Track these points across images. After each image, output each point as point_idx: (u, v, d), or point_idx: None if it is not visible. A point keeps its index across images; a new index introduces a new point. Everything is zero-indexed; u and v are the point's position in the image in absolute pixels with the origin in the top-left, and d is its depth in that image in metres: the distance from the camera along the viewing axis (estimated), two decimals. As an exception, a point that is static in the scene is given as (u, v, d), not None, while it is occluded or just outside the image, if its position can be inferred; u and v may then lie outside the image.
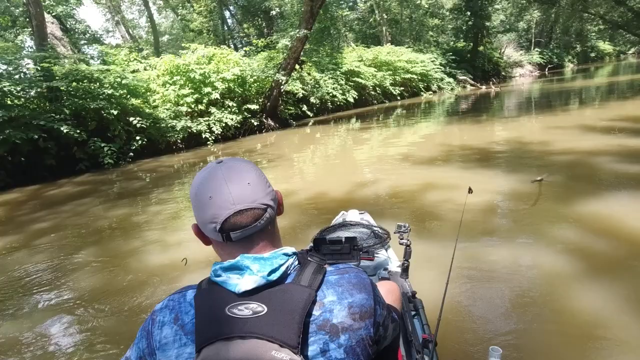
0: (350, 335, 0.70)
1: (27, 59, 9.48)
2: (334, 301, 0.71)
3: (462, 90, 27.22)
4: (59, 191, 6.93)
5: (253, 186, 0.74)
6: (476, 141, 7.59)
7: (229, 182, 0.72)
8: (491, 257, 2.84)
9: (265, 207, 0.74)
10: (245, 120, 12.17)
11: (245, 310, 0.67)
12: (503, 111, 13.47)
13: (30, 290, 3.01)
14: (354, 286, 0.74)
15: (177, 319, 0.72)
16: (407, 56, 24.28)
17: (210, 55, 12.29)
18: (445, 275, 1.51)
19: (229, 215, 0.71)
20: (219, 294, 0.70)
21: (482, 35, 32.36)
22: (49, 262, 3.49)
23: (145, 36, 31.28)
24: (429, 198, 4.26)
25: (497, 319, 2.18)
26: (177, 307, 0.74)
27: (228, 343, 0.66)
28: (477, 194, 4.10)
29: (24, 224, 4.82)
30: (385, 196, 4.63)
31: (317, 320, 0.69)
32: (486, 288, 2.49)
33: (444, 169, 5.57)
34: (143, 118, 9.76)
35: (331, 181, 5.68)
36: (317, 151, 9.15)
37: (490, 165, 5.60)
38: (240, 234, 0.72)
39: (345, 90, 18.19)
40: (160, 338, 0.72)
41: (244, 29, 26.34)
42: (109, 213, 4.95)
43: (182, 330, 0.71)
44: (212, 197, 0.72)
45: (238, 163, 0.77)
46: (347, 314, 0.71)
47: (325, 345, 0.68)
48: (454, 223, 3.41)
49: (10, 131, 7.50)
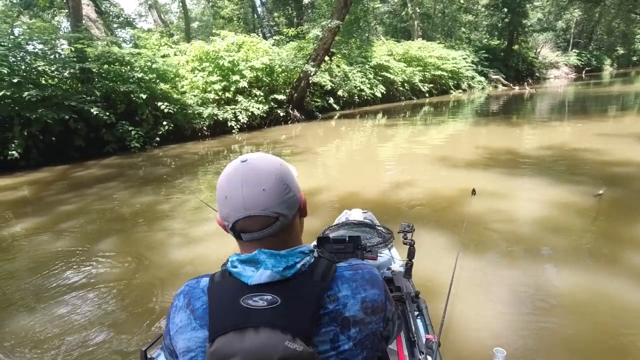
0: (361, 329, 0.72)
1: (62, 39, 9.60)
2: (347, 296, 0.73)
3: (493, 90, 26.36)
4: (86, 173, 7.00)
5: (268, 193, 0.73)
6: (516, 145, 7.24)
7: (245, 185, 0.72)
8: (500, 260, 2.82)
9: (276, 215, 0.73)
10: (272, 110, 12.06)
11: (260, 302, 0.68)
12: (541, 114, 12.88)
13: (49, 278, 2.98)
14: (367, 282, 0.76)
15: (189, 304, 0.75)
16: (438, 52, 23.61)
17: (240, 42, 12.19)
18: (449, 275, 1.47)
19: (238, 218, 0.72)
20: (233, 285, 0.71)
21: (517, 33, 31.13)
22: (71, 249, 3.46)
23: (176, 22, 31.53)
24: (467, 205, 4.02)
25: (502, 320, 2.15)
26: (190, 292, 0.76)
27: (242, 333, 0.67)
28: (509, 200, 3.85)
29: (51, 206, 4.85)
30: (403, 197, 4.43)
31: (331, 314, 0.70)
32: (490, 289, 2.48)
33: (484, 174, 5.29)
34: (171, 103, 9.78)
35: (351, 178, 5.56)
36: (342, 146, 9.00)
37: (535, 172, 5.23)
38: (249, 236, 0.74)
39: (373, 84, 17.83)
40: (175, 322, 0.75)
41: (274, 18, 26.15)
42: (133, 199, 4.92)
43: (192, 315, 0.73)
44: (227, 197, 0.73)
45: (260, 164, 0.75)
46: (359, 308, 0.72)
47: (335, 337, 0.70)
48: (484, 232, 3.25)
49: (42, 110, 7.62)
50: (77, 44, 8.78)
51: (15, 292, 2.77)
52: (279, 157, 0.80)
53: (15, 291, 2.79)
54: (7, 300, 2.67)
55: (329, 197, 4.54)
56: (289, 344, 0.66)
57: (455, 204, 4.03)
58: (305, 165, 6.58)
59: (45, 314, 2.46)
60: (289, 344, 0.66)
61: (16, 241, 3.74)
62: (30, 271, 3.08)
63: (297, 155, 7.38)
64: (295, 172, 0.85)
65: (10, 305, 2.61)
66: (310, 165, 6.70)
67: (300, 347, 0.66)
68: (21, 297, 2.70)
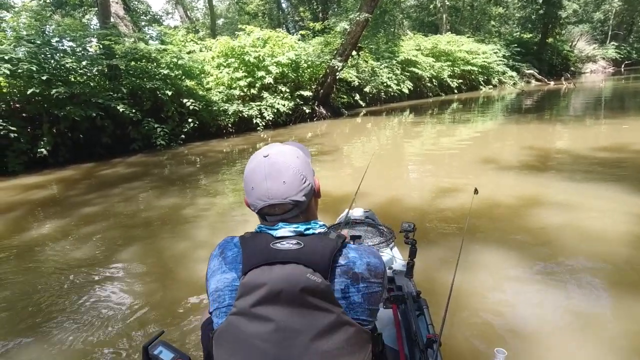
0: (368, 285, 0.85)
1: (91, 37, 9.61)
2: (356, 257, 0.87)
3: (525, 85, 25.24)
4: (111, 171, 6.91)
5: (288, 184, 0.88)
6: (567, 145, 6.70)
7: (268, 178, 0.88)
8: (501, 261, 2.80)
9: (294, 202, 0.89)
10: (297, 107, 11.79)
11: (287, 244, 0.83)
12: (585, 111, 12.06)
13: (64, 294, 2.79)
14: (371, 253, 0.91)
15: (222, 253, 0.91)
16: (468, 46, 22.74)
17: (266, 38, 11.95)
18: (450, 274, 1.47)
19: (263, 206, 0.89)
20: (263, 236, 0.88)
21: (552, 25, 29.67)
22: (90, 259, 3.25)
23: (201, 19, 31.72)
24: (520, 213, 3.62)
25: (503, 321, 2.14)
26: (224, 244, 0.93)
27: (271, 267, 0.80)
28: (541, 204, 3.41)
29: (75, 207, 4.72)
30: (425, 201, 4.08)
31: (343, 267, 0.84)
32: (493, 289, 2.46)
33: (539, 179, 4.84)
34: (196, 100, 9.66)
35: (378, 181, 5.27)
36: (368, 143, 8.71)
37: (597, 177, 4.65)
38: (273, 218, 0.91)
39: (400, 80, 17.29)
40: (210, 267, 0.92)
41: (299, 13, 25.86)
42: (158, 202, 4.73)
43: (224, 261, 0.89)
44: (254, 188, 0.90)
45: (280, 159, 0.90)
46: (366, 268, 0.86)
47: (346, 287, 0.82)
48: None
49: (70, 108, 7.60)
50: (105, 40, 8.74)
51: (24, 309, 2.59)
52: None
53: (25, 307, 2.60)
54: (17, 318, 2.49)
55: (356, 198, 4.21)
56: (310, 276, 0.78)
57: (518, 214, 3.63)
58: (332, 166, 6.28)
59: (54, 335, 2.26)
60: (310, 276, 0.78)
61: (35, 247, 3.57)
62: (44, 284, 2.89)
63: (324, 155, 7.08)
64: (309, 157, 1.02)
65: (20, 322, 2.42)
66: (337, 165, 6.39)
67: (319, 279, 0.78)
68: (31, 314, 2.50)
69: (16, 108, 7.74)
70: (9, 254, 3.46)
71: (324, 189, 1.04)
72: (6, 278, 3.01)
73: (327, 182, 5.00)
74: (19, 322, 2.40)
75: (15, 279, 2.98)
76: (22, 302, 2.63)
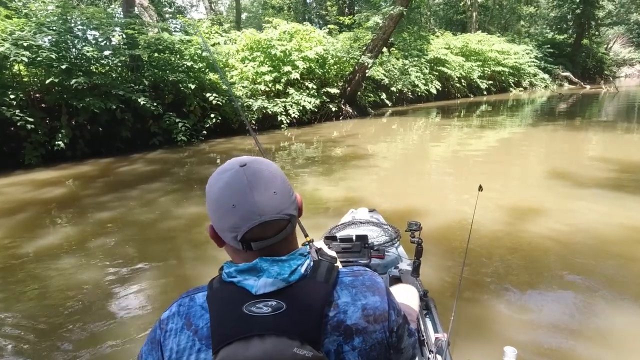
0: (365, 339, 0.68)
1: (114, 25, 9.25)
2: (347, 302, 0.69)
3: (558, 88, 24.12)
4: (130, 168, 6.52)
5: (279, 195, 0.69)
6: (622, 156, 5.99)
7: (255, 190, 0.67)
8: (508, 260, 2.80)
9: (289, 217, 0.70)
10: (323, 105, 11.24)
11: (264, 308, 0.64)
12: (625, 117, 11.18)
13: (63, 329, 2.34)
14: (368, 288, 0.72)
15: (190, 325, 0.68)
16: (499, 46, 21.76)
17: (293, 31, 11.42)
18: (455, 274, 1.67)
19: (251, 227, 0.66)
20: (234, 294, 0.66)
21: (588, 26, 28.27)
22: (99, 282, 2.77)
23: (225, 14, 31.42)
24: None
25: (512, 319, 2.10)
26: (187, 311, 0.69)
27: (247, 343, 0.62)
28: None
29: (88, 211, 4.27)
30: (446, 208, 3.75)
31: (332, 321, 0.67)
32: (500, 287, 2.43)
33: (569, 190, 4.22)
34: (219, 95, 9.22)
35: (392, 181, 5.26)
36: (392, 145, 8.32)
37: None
38: (261, 244, 0.68)
39: (428, 80, 16.56)
40: (172, 347, 0.67)
41: (325, 7, 25.26)
42: (177, 209, 4.23)
43: (195, 335, 0.67)
44: (235, 205, 0.66)
45: (262, 167, 0.70)
46: (360, 315, 0.69)
47: (339, 347, 0.67)
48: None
49: (90, 99, 7.24)
50: (128, 29, 8.36)
51: (15, 341, 2.14)
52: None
53: (15, 338, 2.16)
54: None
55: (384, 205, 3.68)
56: (297, 350, 0.62)
57: (523, 219, 3.05)
58: (361, 171, 5.74)
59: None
60: (298, 350, 0.62)
61: (37, 262, 3.12)
62: (42, 310, 2.45)
63: (353, 160, 6.54)
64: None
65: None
66: (365, 170, 5.84)
67: (310, 353, 0.62)
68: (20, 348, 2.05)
69: (35, 98, 7.44)
70: (8, 265, 3.04)
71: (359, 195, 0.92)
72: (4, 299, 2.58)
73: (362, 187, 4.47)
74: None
75: (11, 303, 2.55)
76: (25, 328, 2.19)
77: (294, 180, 5.19)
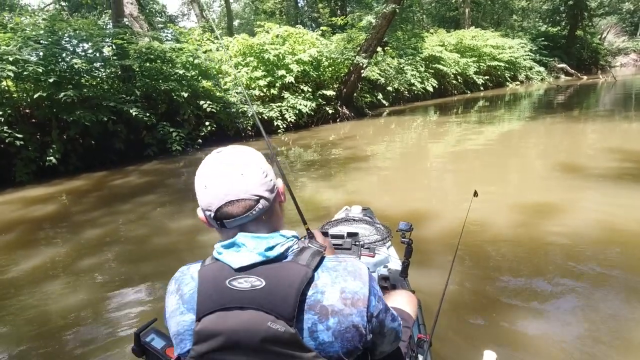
0: (340, 320, 0.70)
1: (103, 36, 9.10)
2: (326, 284, 0.71)
3: (554, 80, 23.99)
4: (124, 181, 6.33)
5: (246, 177, 0.74)
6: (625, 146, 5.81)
7: (223, 172, 0.74)
8: (495, 265, 2.75)
9: (257, 198, 0.74)
10: (319, 108, 11.08)
11: (245, 283, 0.69)
12: (623, 106, 11.02)
13: (59, 338, 2.15)
14: (350, 273, 0.74)
15: (179, 289, 0.77)
16: (493, 41, 21.63)
17: (286, 35, 11.28)
18: (445, 276, 1.49)
19: (220, 205, 0.73)
20: (220, 269, 0.72)
21: (581, 17, 28.18)
22: (86, 309, 2.55)
23: (217, 21, 31.35)
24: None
25: (494, 323, 2.11)
26: (180, 278, 0.79)
27: (227, 313, 0.69)
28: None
29: (78, 229, 4.07)
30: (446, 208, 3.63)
31: (309, 300, 0.70)
32: (485, 293, 2.41)
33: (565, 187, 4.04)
34: (213, 102, 9.06)
35: (392, 181, 5.13)
36: (390, 145, 8.14)
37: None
38: (232, 222, 0.74)
39: (424, 78, 16.41)
40: (168, 305, 0.78)
41: (318, 9, 25.17)
42: (172, 224, 4.04)
43: (181, 299, 0.75)
44: (207, 186, 0.74)
45: (236, 152, 0.77)
46: (338, 298, 0.71)
47: (313, 326, 0.69)
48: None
49: (80, 112, 7.06)
50: (117, 39, 8.20)
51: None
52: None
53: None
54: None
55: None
56: (271, 324, 0.67)
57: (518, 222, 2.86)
58: (360, 173, 5.56)
59: None
60: (272, 324, 0.67)
61: (21, 288, 2.93)
62: (31, 332, 2.26)
63: (352, 162, 6.36)
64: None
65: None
66: (364, 171, 5.66)
67: (282, 328, 0.67)
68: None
69: (25, 114, 7.26)
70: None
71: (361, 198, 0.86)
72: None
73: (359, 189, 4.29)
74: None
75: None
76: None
77: (292, 185, 5.01)
